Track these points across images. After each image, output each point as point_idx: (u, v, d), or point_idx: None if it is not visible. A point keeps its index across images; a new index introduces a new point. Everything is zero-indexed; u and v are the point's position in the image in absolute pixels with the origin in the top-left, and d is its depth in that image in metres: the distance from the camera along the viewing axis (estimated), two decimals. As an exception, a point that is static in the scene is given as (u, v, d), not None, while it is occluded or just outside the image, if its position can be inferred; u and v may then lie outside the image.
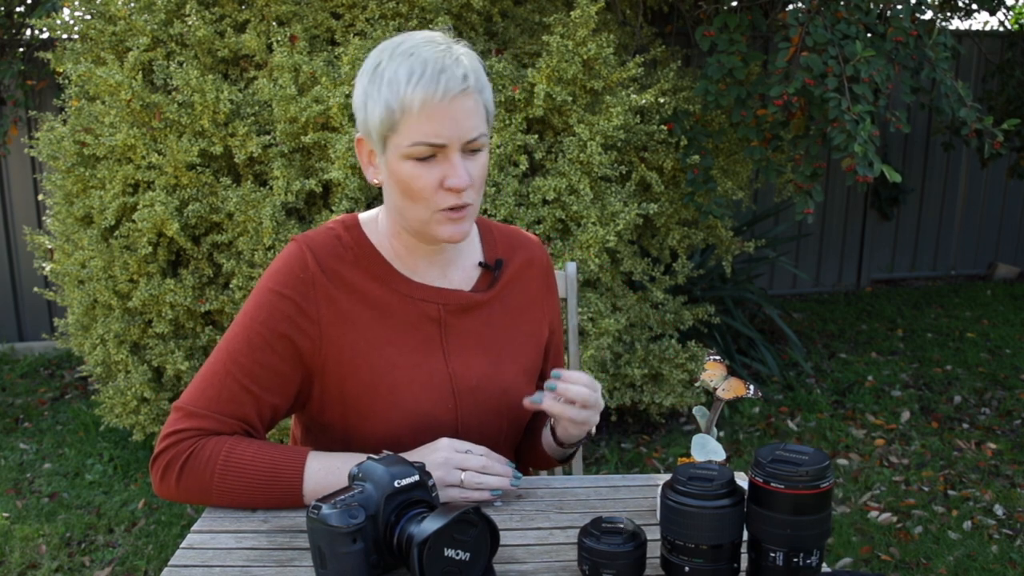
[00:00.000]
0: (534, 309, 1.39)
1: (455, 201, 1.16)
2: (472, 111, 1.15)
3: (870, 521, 3.01)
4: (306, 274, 1.22)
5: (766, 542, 0.93)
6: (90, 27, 3.22)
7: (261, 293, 1.23)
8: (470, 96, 1.14)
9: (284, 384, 1.23)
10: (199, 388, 1.21)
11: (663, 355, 3.40)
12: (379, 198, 3.09)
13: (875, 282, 6.23)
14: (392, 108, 1.13)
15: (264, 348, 1.20)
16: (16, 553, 2.85)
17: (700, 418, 1.17)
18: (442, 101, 1.11)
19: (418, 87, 1.11)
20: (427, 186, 1.16)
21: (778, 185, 3.55)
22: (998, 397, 4.11)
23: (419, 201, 1.17)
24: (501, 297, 1.33)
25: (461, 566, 0.96)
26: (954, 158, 6.11)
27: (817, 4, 3.06)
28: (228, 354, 1.21)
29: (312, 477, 1.15)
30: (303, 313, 1.21)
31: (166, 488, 1.19)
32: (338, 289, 1.23)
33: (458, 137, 1.14)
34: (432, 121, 1.12)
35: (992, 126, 3.18)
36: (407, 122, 1.13)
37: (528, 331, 1.37)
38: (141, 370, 3.15)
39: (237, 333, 1.22)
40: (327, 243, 1.25)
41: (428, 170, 1.15)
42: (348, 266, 1.24)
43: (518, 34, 3.46)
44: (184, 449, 1.17)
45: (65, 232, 3.35)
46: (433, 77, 1.11)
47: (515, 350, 1.33)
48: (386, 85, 1.14)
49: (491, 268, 1.34)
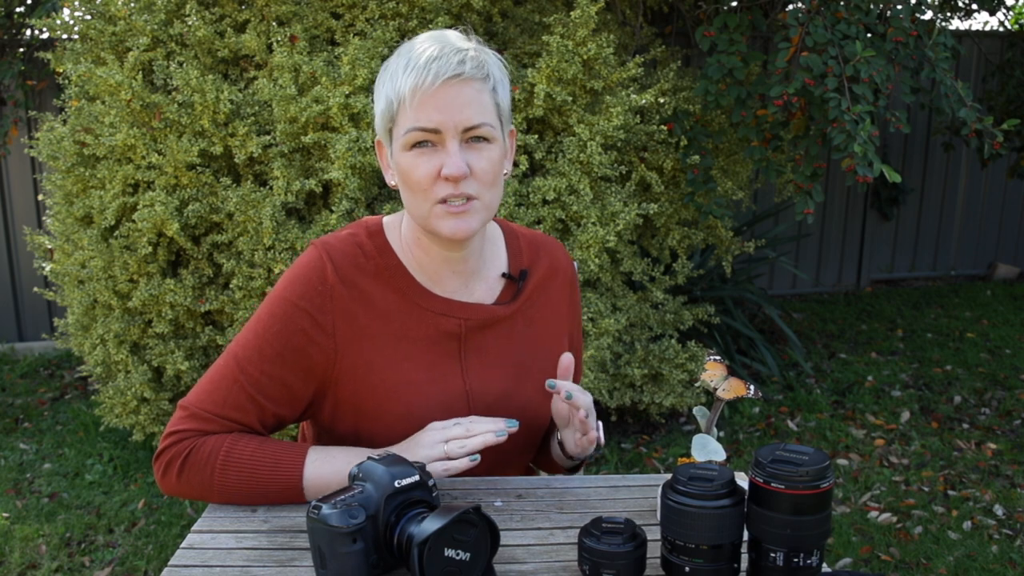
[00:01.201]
0: (557, 319, 1.34)
1: (452, 191, 1.12)
2: (471, 99, 1.12)
3: (870, 521, 3.01)
4: (324, 286, 1.18)
5: (766, 542, 0.93)
6: (90, 27, 3.22)
7: (276, 302, 1.20)
8: (468, 83, 1.11)
9: (292, 397, 1.21)
10: (206, 390, 1.20)
11: (663, 355, 3.40)
12: (378, 198, 3.10)
13: (875, 282, 6.23)
14: (391, 99, 1.14)
15: (275, 360, 1.18)
16: (16, 553, 2.85)
17: (700, 418, 1.17)
18: (432, 85, 1.10)
19: (410, 75, 1.11)
20: (424, 176, 1.13)
21: (778, 185, 3.55)
22: (998, 397, 4.11)
23: (418, 193, 1.14)
24: (524, 309, 1.29)
25: (461, 566, 0.96)
26: (954, 158, 6.11)
27: (817, 4, 3.06)
28: (237, 361, 1.19)
29: (312, 472, 1.15)
30: (318, 326, 1.18)
31: (168, 483, 1.19)
32: (356, 302, 1.20)
33: (453, 123, 1.11)
34: (424, 106, 1.11)
35: (992, 126, 3.18)
36: (403, 111, 1.12)
37: (550, 345, 1.32)
38: (141, 370, 3.15)
39: (249, 340, 1.20)
40: (348, 251, 1.21)
41: (426, 160, 1.13)
42: (368, 277, 1.21)
43: (518, 34, 3.46)
44: (185, 447, 1.17)
45: (65, 232, 3.35)
46: (425, 65, 1.10)
47: (536, 365, 1.29)
48: (388, 79, 1.15)
49: (515, 279, 1.29)
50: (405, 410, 1.20)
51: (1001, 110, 5.17)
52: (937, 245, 6.32)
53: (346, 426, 1.24)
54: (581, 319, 1.44)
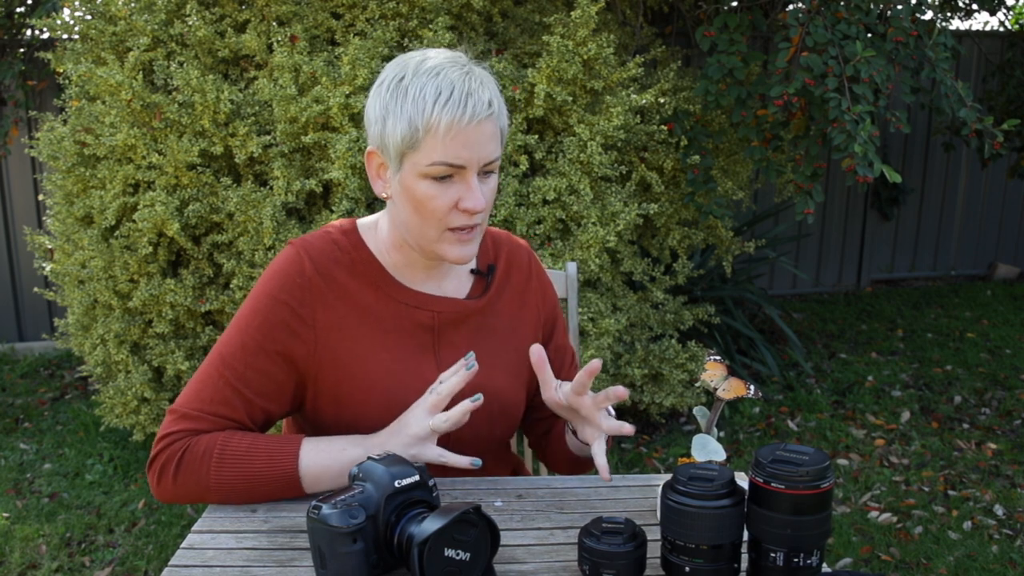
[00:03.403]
0: (523, 309, 1.39)
1: (467, 222, 1.18)
2: (491, 135, 1.16)
3: (870, 521, 3.01)
4: (303, 279, 1.23)
5: (766, 542, 0.93)
6: (90, 27, 3.22)
7: (257, 298, 1.24)
8: (493, 121, 1.16)
9: (278, 390, 1.23)
10: (193, 391, 1.22)
11: (663, 355, 3.40)
12: (378, 198, 3.09)
13: (875, 282, 6.23)
14: (416, 126, 1.14)
15: (258, 352, 1.21)
16: (16, 553, 2.85)
17: (700, 418, 1.17)
18: (468, 125, 1.12)
19: (446, 109, 1.12)
20: (441, 206, 1.17)
21: (778, 185, 3.55)
22: (998, 397, 4.11)
23: (430, 220, 1.18)
24: (493, 302, 1.34)
25: (461, 566, 0.96)
26: (954, 158, 6.10)
27: (817, 4, 3.06)
28: (221, 358, 1.22)
29: (307, 460, 1.17)
30: (299, 318, 1.22)
31: (163, 489, 1.19)
32: (334, 294, 1.24)
33: (478, 160, 1.15)
34: (456, 143, 1.13)
35: (992, 126, 3.18)
36: (430, 142, 1.14)
37: (521, 334, 1.37)
38: (141, 370, 3.15)
39: (232, 337, 1.23)
40: (324, 248, 1.26)
41: (444, 190, 1.16)
42: (344, 271, 1.25)
43: (518, 34, 3.46)
44: (179, 448, 1.18)
45: (65, 232, 3.35)
46: (461, 100, 1.12)
47: (506, 355, 1.34)
48: (411, 103, 1.14)
49: (483, 274, 1.35)
50: (384, 399, 1.23)
51: (1001, 110, 5.17)
52: (937, 245, 6.32)
53: (327, 416, 1.26)
54: (557, 299, 1.46)
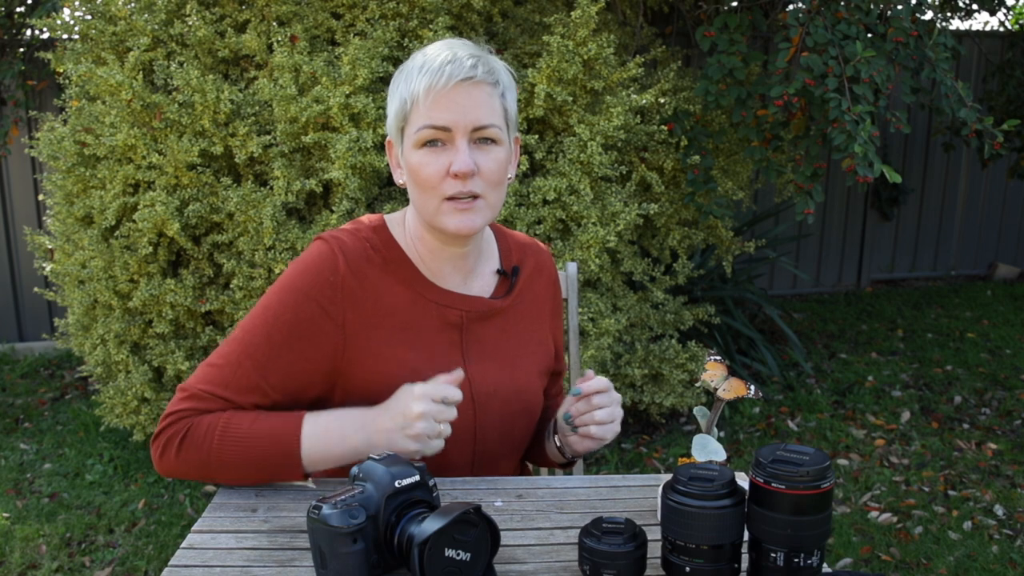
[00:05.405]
0: (541, 316, 1.41)
1: (460, 188, 1.18)
2: (482, 101, 1.18)
3: (870, 521, 3.01)
4: (336, 277, 1.22)
5: (767, 542, 0.93)
6: (90, 27, 3.22)
7: (287, 291, 1.22)
8: (480, 86, 1.17)
9: (296, 386, 1.22)
10: (208, 373, 1.21)
11: (663, 355, 3.40)
12: (379, 198, 3.10)
13: (875, 282, 6.23)
14: (404, 99, 1.19)
15: (283, 346, 1.20)
16: (16, 553, 2.85)
17: (700, 418, 1.17)
18: (446, 86, 1.15)
19: (424, 75, 1.16)
20: (434, 173, 1.18)
21: (778, 185, 3.55)
22: (998, 397, 4.11)
23: (427, 190, 1.19)
24: (515, 304, 1.36)
25: (461, 566, 0.96)
26: (954, 158, 6.11)
27: (817, 4, 3.06)
28: (244, 346, 1.21)
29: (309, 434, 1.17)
30: (329, 316, 1.21)
31: (166, 462, 1.20)
32: (366, 293, 1.24)
33: (463, 122, 1.16)
34: (438, 106, 1.16)
35: (992, 126, 3.18)
36: (416, 110, 1.18)
37: (540, 336, 1.40)
38: (141, 370, 3.15)
39: (257, 326, 1.21)
40: (357, 245, 1.25)
41: (435, 157, 1.18)
42: (377, 269, 1.25)
43: (518, 34, 3.46)
44: (184, 425, 1.18)
45: (65, 232, 3.35)
46: (440, 67, 1.16)
47: (528, 354, 1.36)
48: (403, 80, 1.20)
49: (508, 275, 1.36)
50: None
51: (1001, 110, 5.17)
52: (937, 245, 6.32)
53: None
54: (562, 325, 1.51)
